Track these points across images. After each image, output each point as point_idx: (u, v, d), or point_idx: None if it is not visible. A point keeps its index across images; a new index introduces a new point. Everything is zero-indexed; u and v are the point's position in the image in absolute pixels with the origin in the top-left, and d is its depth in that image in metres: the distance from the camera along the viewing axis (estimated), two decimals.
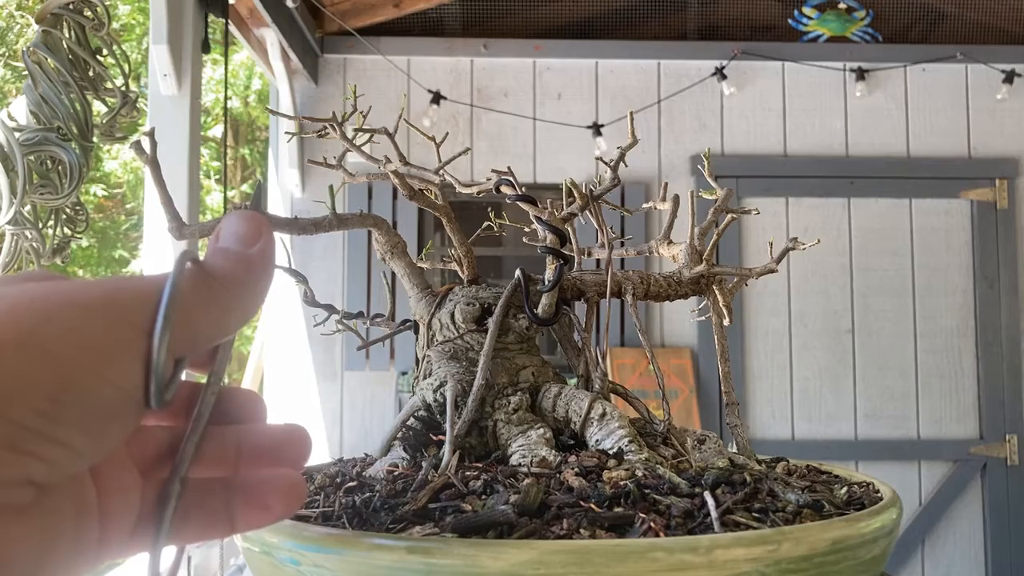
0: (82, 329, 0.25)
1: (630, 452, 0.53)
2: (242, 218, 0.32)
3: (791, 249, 0.65)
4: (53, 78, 1.22)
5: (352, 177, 0.71)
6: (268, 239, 0.32)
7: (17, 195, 1.15)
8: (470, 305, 0.63)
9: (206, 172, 6.55)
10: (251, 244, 0.32)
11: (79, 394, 0.24)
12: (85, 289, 0.27)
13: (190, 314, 0.29)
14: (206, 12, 2.10)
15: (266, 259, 0.32)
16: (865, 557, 0.42)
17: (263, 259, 0.32)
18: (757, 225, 3.46)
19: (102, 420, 0.26)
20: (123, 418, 0.27)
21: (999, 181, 3.53)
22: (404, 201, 3.36)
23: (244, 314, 0.31)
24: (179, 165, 1.97)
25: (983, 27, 3.63)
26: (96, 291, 0.27)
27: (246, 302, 0.31)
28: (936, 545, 3.44)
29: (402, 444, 0.58)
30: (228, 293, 0.30)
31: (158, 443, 0.32)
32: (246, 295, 0.31)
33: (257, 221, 0.32)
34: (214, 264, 0.31)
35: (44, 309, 0.25)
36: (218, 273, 0.30)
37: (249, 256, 0.31)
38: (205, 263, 0.31)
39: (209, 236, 0.33)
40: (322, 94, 3.50)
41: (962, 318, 3.51)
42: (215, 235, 0.32)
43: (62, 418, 0.24)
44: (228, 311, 0.30)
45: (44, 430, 0.23)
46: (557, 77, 3.57)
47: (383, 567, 0.37)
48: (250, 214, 0.33)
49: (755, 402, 3.46)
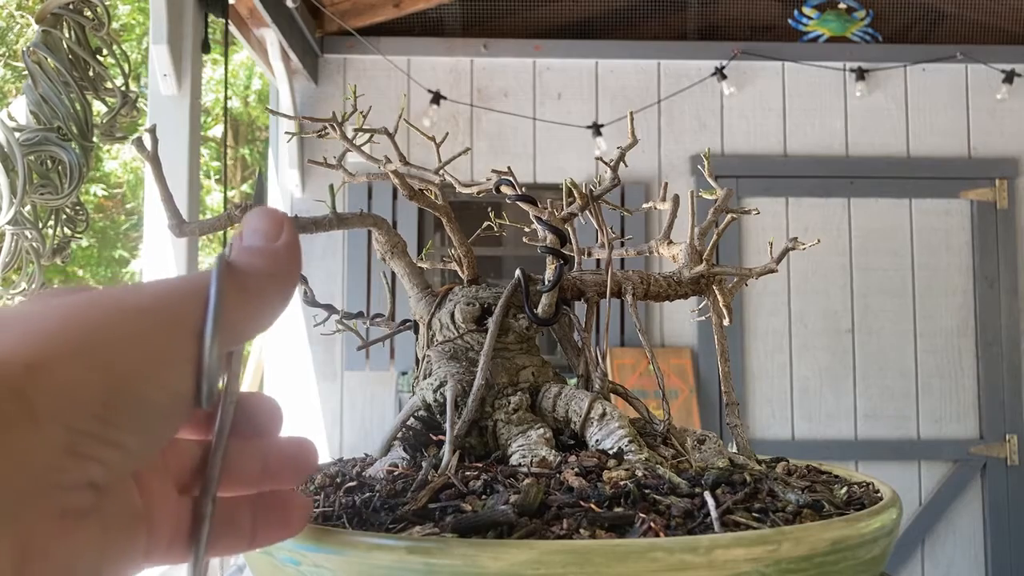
0: (133, 334, 0.26)
1: (630, 452, 0.53)
2: (262, 214, 0.33)
3: (791, 249, 0.65)
4: (53, 78, 1.22)
5: (352, 177, 0.71)
6: (291, 231, 0.33)
7: (17, 195, 1.15)
8: (470, 305, 0.63)
9: (206, 172, 6.55)
10: (275, 238, 0.32)
11: (133, 398, 0.26)
12: (133, 294, 0.28)
13: (230, 313, 0.29)
14: (206, 12, 2.10)
15: (292, 251, 0.33)
16: (865, 557, 0.42)
17: (289, 251, 0.33)
18: (757, 225, 3.46)
19: (154, 421, 0.27)
20: (173, 418, 0.28)
21: (999, 181, 3.53)
22: (404, 201, 3.36)
23: (277, 308, 0.32)
24: (179, 165, 1.97)
25: (983, 27, 3.63)
26: (144, 295, 0.28)
27: (279, 296, 0.32)
28: (936, 545, 3.44)
29: (402, 444, 0.58)
30: (261, 289, 0.31)
31: (191, 456, 0.33)
32: (278, 289, 0.32)
33: (277, 216, 0.33)
34: (243, 262, 0.32)
35: (96, 316, 0.26)
36: (249, 270, 0.31)
37: (275, 250, 0.32)
38: (235, 263, 0.31)
39: (209, 234, 0.34)
40: (322, 94, 3.50)
41: (962, 318, 3.51)
42: (238, 235, 0.33)
43: (117, 421, 0.25)
44: (263, 306, 0.31)
45: (101, 433, 0.24)
46: (557, 77, 3.57)
47: (383, 567, 0.37)
48: (269, 209, 0.33)
49: (755, 402, 3.46)
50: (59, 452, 0.23)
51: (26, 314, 0.26)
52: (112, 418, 0.25)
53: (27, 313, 0.26)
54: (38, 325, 0.25)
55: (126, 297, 0.27)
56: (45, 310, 0.26)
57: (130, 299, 0.27)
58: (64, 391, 0.24)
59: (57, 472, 0.23)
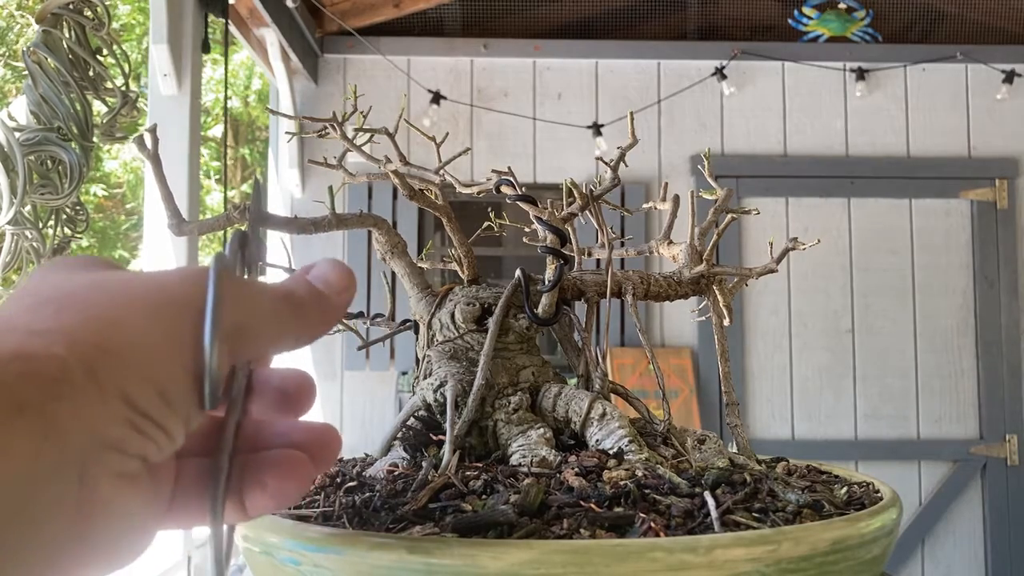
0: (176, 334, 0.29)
1: (630, 452, 0.53)
2: (338, 268, 0.36)
3: (791, 249, 0.65)
4: (53, 78, 1.22)
5: (352, 177, 0.71)
6: (350, 295, 0.36)
7: (17, 195, 1.15)
8: (470, 305, 0.63)
9: (206, 172, 6.55)
10: (335, 293, 0.35)
11: (181, 389, 0.29)
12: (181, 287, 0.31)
13: (262, 324, 0.32)
14: (206, 12, 2.10)
15: (338, 311, 0.36)
16: (865, 557, 0.42)
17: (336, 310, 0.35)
18: (757, 225, 3.46)
19: (194, 414, 0.30)
20: (200, 414, 0.31)
21: (999, 181, 3.53)
22: (404, 201, 3.36)
23: (294, 343, 0.34)
24: (179, 165, 1.97)
25: (983, 27, 3.63)
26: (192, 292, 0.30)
27: (302, 335, 0.34)
28: (936, 545, 3.44)
29: (402, 444, 0.58)
30: (296, 320, 0.34)
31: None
32: (306, 330, 0.34)
33: (350, 277, 0.36)
34: (295, 289, 0.34)
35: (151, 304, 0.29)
36: (296, 299, 0.34)
37: (328, 300, 0.35)
38: (287, 284, 0.34)
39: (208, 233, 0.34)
40: (322, 94, 3.50)
41: (962, 318, 3.51)
42: (305, 267, 0.36)
43: (169, 409, 0.29)
44: (286, 334, 0.34)
45: (156, 417, 0.28)
46: (557, 77, 3.57)
47: (383, 567, 0.37)
48: (346, 269, 0.36)
49: (755, 402, 3.46)
50: (121, 424, 0.27)
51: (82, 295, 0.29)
52: (164, 405, 0.28)
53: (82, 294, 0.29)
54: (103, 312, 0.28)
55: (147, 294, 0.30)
56: (100, 297, 0.29)
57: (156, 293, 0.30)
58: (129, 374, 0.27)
59: (118, 440, 0.27)
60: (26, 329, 0.26)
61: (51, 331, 0.26)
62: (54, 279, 0.30)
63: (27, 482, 0.24)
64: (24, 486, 0.24)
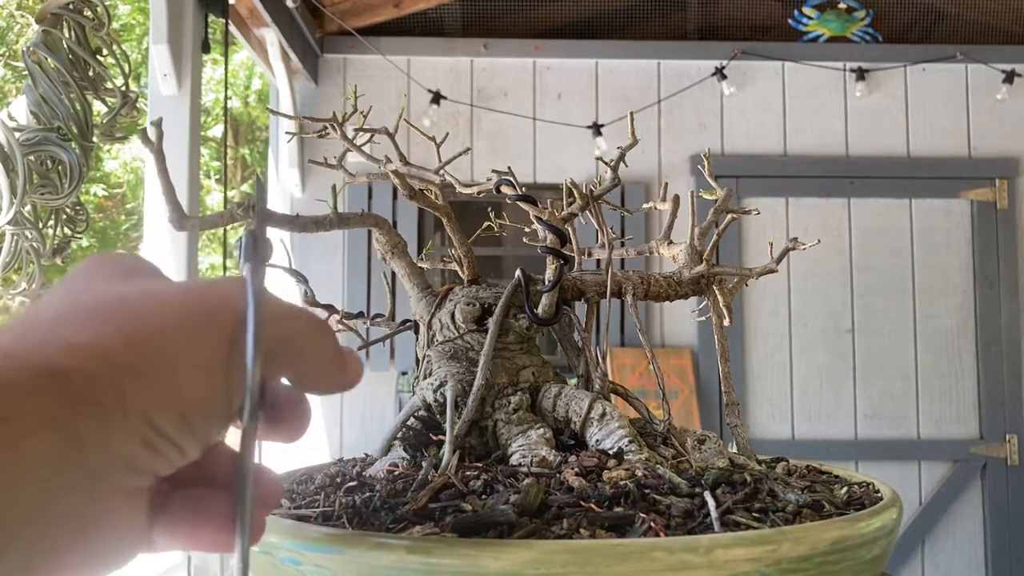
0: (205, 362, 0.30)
1: (630, 452, 0.53)
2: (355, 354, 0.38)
3: (791, 249, 0.65)
4: (53, 78, 1.22)
5: (352, 177, 0.71)
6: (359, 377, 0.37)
7: (17, 195, 1.15)
8: (470, 305, 0.63)
9: (206, 172, 6.54)
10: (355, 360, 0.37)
11: (202, 412, 0.30)
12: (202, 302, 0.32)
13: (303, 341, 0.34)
14: (206, 12, 2.10)
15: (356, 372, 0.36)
16: (865, 557, 0.42)
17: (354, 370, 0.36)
18: (757, 225, 3.46)
19: (212, 432, 0.32)
20: (221, 431, 0.32)
21: (999, 181, 3.53)
22: (404, 201, 3.36)
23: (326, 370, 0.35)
24: (179, 165, 1.97)
25: (983, 27, 3.63)
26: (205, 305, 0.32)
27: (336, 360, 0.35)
28: (936, 545, 3.44)
29: (402, 444, 0.58)
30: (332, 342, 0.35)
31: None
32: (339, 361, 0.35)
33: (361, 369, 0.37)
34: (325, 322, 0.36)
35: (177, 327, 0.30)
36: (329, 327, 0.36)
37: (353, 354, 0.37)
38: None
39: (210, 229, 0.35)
40: (322, 94, 3.50)
41: (962, 318, 3.51)
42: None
43: (187, 429, 0.30)
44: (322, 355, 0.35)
45: (174, 437, 0.30)
46: (557, 77, 3.57)
47: (383, 567, 0.37)
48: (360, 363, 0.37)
49: (755, 402, 3.46)
50: (138, 444, 0.28)
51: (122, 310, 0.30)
52: (184, 426, 0.30)
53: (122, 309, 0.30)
54: (141, 327, 0.29)
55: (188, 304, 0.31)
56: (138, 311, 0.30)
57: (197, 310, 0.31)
58: (154, 397, 0.29)
59: (132, 458, 0.28)
60: (66, 342, 0.28)
61: (89, 347, 0.28)
62: (98, 287, 0.32)
63: (47, 490, 0.25)
64: (44, 493, 0.25)
